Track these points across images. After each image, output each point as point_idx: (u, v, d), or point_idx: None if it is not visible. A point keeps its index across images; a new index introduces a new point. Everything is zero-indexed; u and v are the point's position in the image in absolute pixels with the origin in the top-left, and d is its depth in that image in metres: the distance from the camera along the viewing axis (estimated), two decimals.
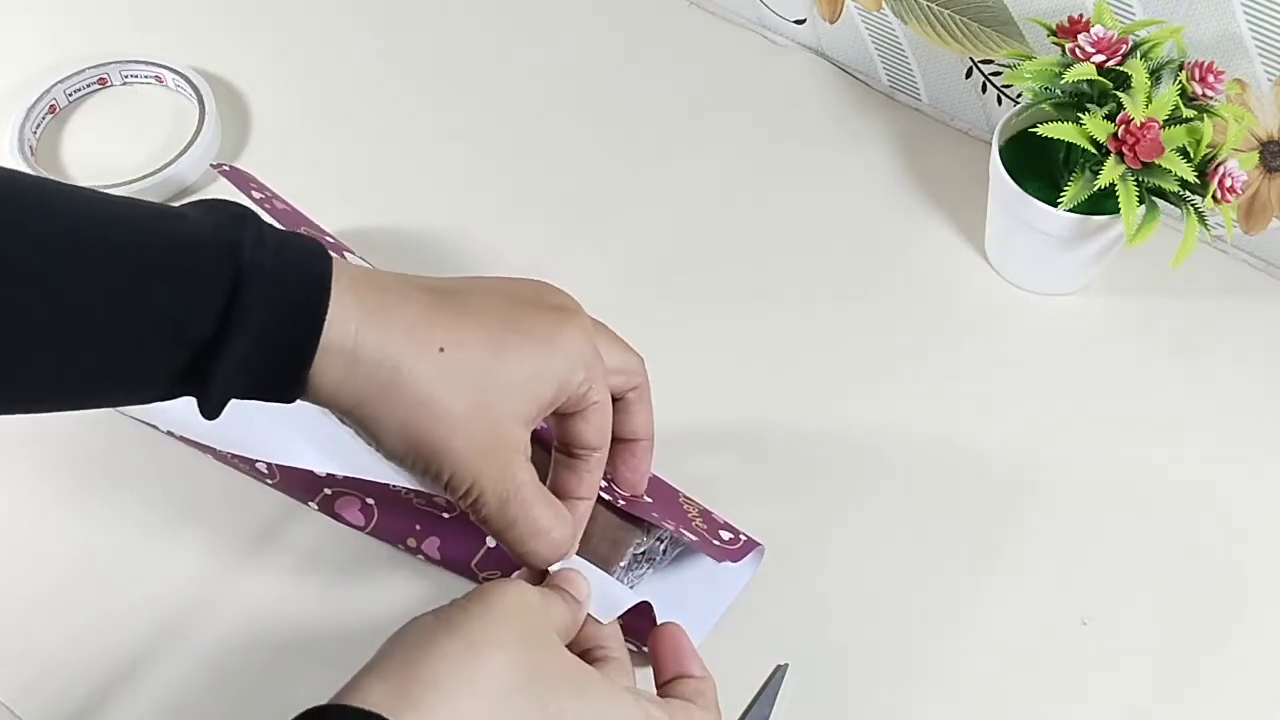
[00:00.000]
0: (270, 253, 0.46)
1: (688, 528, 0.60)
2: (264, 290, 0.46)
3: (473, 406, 0.49)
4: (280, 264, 0.46)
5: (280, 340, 0.46)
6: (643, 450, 0.58)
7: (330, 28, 0.90)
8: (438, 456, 0.49)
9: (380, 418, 0.48)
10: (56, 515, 0.66)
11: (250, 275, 0.45)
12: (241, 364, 0.46)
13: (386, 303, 0.48)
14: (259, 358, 0.46)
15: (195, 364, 0.46)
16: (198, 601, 0.63)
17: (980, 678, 0.61)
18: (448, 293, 0.51)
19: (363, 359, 0.47)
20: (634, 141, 0.83)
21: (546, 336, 0.51)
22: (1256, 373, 0.72)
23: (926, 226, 0.78)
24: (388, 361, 0.47)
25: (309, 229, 0.69)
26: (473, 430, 0.49)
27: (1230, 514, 0.67)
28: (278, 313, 0.46)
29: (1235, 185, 0.64)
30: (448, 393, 0.48)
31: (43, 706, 0.60)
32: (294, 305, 0.46)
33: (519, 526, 0.51)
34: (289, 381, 0.47)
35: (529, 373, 0.50)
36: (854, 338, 0.73)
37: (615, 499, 0.58)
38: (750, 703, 0.58)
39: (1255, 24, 0.67)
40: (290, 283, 0.46)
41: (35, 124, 0.81)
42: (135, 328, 0.45)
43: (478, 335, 0.50)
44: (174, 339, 0.45)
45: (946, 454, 0.68)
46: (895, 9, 0.81)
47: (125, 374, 0.46)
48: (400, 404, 0.48)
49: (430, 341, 0.48)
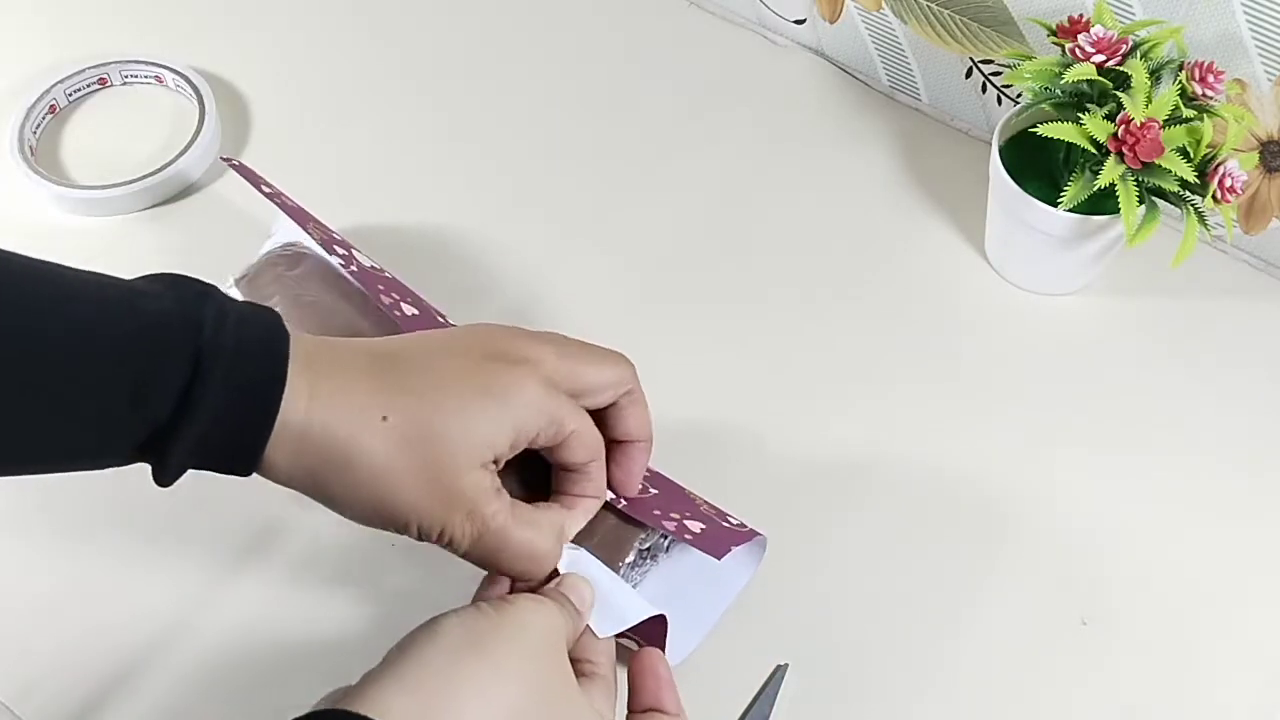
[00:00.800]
0: (230, 333, 0.48)
1: (695, 514, 0.60)
2: (223, 372, 0.47)
3: (424, 467, 0.50)
4: (239, 345, 0.48)
5: (236, 421, 0.48)
6: (637, 451, 0.58)
7: (330, 28, 0.90)
8: (400, 515, 0.50)
9: (335, 493, 0.50)
10: (56, 516, 0.66)
11: (210, 358, 0.47)
12: (199, 442, 0.47)
13: (333, 376, 0.50)
14: (216, 436, 0.48)
15: (152, 441, 0.47)
16: (198, 602, 0.63)
17: (980, 678, 0.61)
18: (394, 360, 0.52)
19: (312, 438, 0.49)
20: (634, 141, 0.83)
21: (490, 389, 0.52)
22: (1256, 372, 0.72)
23: (926, 226, 0.78)
24: (336, 439, 0.49)
25: (316, 227, 0.69)
26: (428, 489, 0.50)
27: (1230, 513, 0.67)
28: (235, 395, 0.47)
29: (1235, 185, 0.64)
30: (397, 460, 0.49)
31: (43, 706, 0.60)
32: (251, 387, 0.48)
33: (501, 555, 0.52)
34: (244, 459, 0.49)
35: (479, 426, 0.51)
36: (854, 338, 0.73)
37: (616, 500, 0.58)
38: (750, 703, 0.58)
39: (1255, 24, 0.67)
40: (248, 365, 0.48)
41: (35, 124, 0.81)
42: (95, 407, 0.46)
43: (422, 400, 0.51)
44: (133, 418, 0.47)
45: (946, 454, 0.68)
46: (895, 9, 0.81)
47: (83, 448, 0.48)
48: (351, 477, 0.49)
49: (375, 413, 0.49)
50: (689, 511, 0.60)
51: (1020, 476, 0.68)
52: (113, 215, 0.79)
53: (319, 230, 0.68)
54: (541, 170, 0.81)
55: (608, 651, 0.53)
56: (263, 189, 0.69)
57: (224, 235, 0.77)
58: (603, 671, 0.52)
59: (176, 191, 0.80)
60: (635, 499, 0.59)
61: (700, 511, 0.61)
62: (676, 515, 0.59)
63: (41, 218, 0.79)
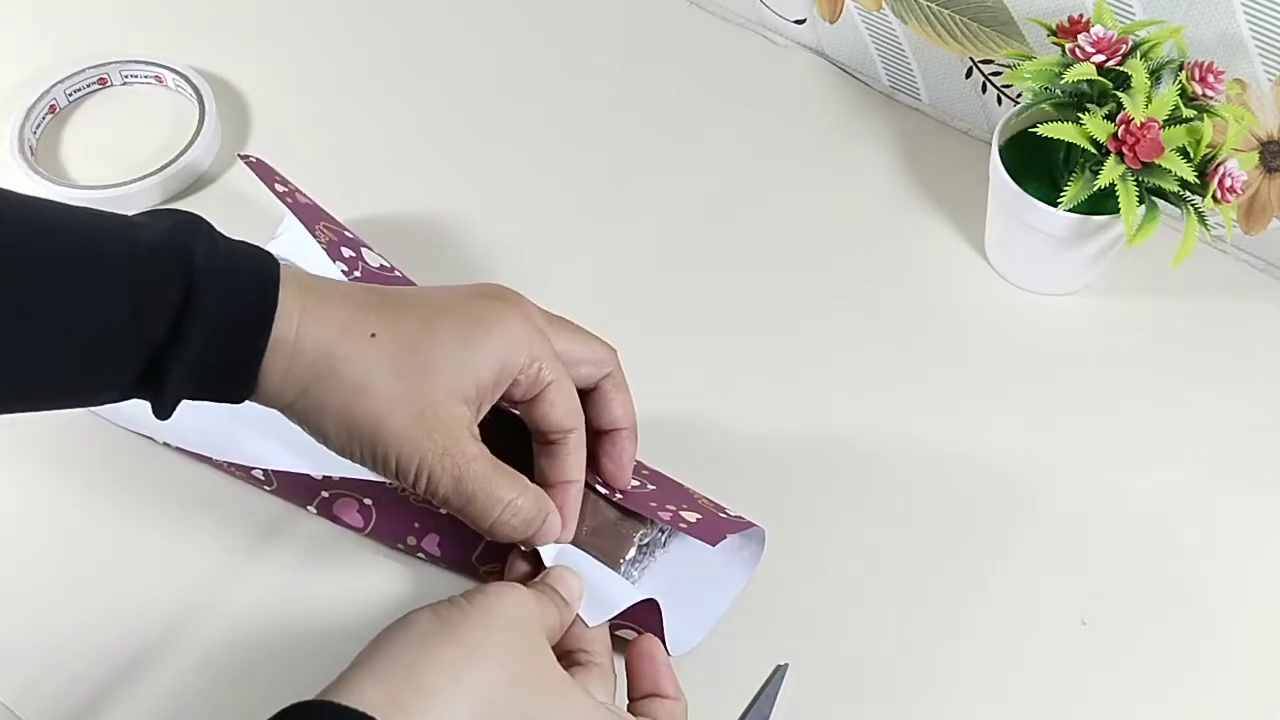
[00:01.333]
0: (221, 258, 0.49)
1: (692, 505, 0.60)
2: (215, 295, 0.48)
3: (407, 387, 0.50)
4: (230, 269, 0.49)
5: (231, 340, 0.49)
6: (624, 439, 0.58)
7: (330, 27, 0.90)
8: (378, 439, 0.50)
9: (321, 406, 0.50)
10: (56, 516, 0.66)
11: (202, 280, 0.48)
12: (195, 364, 0.48)
13: (325, 300, 0.51)
14: (211, 358, 0.48)
15: (150, 366, 0.48)
16: (198, 601, 0.63)
17: (980, 678, 0.61)
18: (384, 293, 0.53)
19: (302, 351, 0.49)
20: (633, 141, 0.83)
21: (481, 320, 0.53)
22: (1257, 373, 0.72)
23: (926, 226, 0.78)
24: (324, 350, 0.50)
25: (329, 224, 0.69)
26: (409, 410, 0.50)
27: (1230, 513, 0.67)
28: (230, 315, 0.48)
29: (1235, 185, 0.64)
30: (380, 375, 0.50)
31: (43, 707, 0.60)
32: (244, 307, 0.49)
33: (478, 500, 0.52)
34: (240, 379, 0.49)
35: (464, 352, 0.52)
36: (853, 337, 0.73)
37: (612, 494, 0.59)
38: (750, 703, 0.58)
39: (1255, 24, 0.67)
40: (240, 287, 0.49)
41: (35, 124, 0.81)
42: (92, 333, 0.47)
43: (410, 321, 0.52)
44: (130, 343, 0.47)
45: (946, 453, 0.68)
46: (895, 9, 0.81)
47: (81, 377, 0.48)
48: (337, 390, 0.50)
49: (364, 329, 0.51)
50: (685, 503, 0.60)
51: (1020, 476, 0.68)
52: None
53: (328, 231, 0.68)
54: (542, 169, 0.81)
55: (602, 640, 0.53)
56: (276, 187, 0.69)
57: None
58: (598, 660, 0.52)
59: (177, 191, 0.80)
60: (631, 493, 0.59)
61: (697, 504, 0.61)
62: (672, 507, 0.60)
63: None
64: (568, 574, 0.53)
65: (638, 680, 0.53)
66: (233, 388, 0.50)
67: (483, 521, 0.53)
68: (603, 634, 0.53)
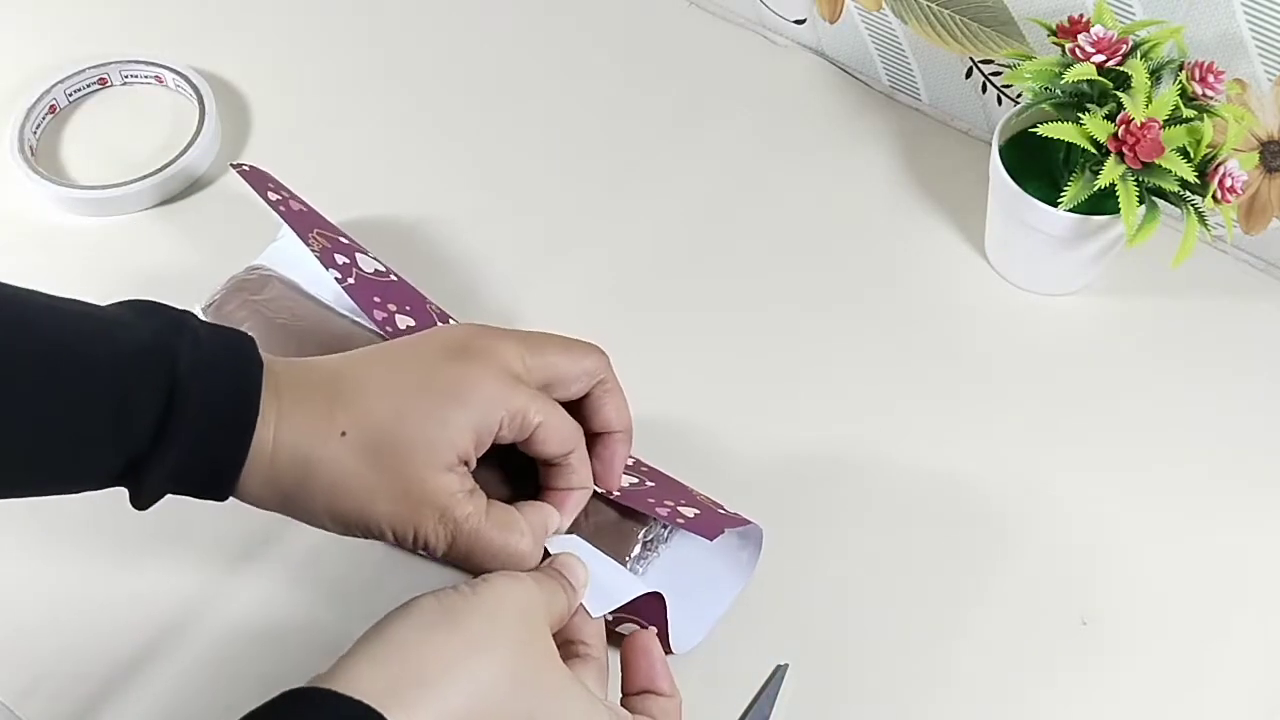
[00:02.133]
0: (205, 363, 0.49)
1: (691, 501, 0.60)
2: (196, 406, 0.48)
3: (387, 474, 0.51)
4: (212, 376, 0.49)
5: (211, 451, 0.49)
6: (616, 442, 0.58)
7: (330, 28, 0.90)
8: (370, 523, 0.51)
9: (307, 507, 0.51)
10: (56, 516, 0.66)
11: (184, 391, 0.48)
12: (175, 470, 0.49)
13: (297, 403, 0.51)
14: (192, 465, 0.49)
15: (129, 468, 0.49)
16: (198, 601, 0.63)
17: (980, 678, 0.61)
18: (353, 376, 0.53)
19: (280, 460, 0.50)
20: (633, 141, 0.83)
21: (451, 390, 0.52)
22: (1257, 373, 0.72)
23: (926, 226, 0.78)
24: (299, 459, 0.50)
25: (325, 230, 0.69)
26: (392, 495, 0.51)
27: (1230, 513, 0.67)
28: (210, 426, 0.49)
29: (1235, 185, 0.64)
30: (359, 471, 0.50)
31: (43, 706, 0.60)
32: (225, 419, 0.49)
33: (476, 556, 0.52)
34: (219, 486, 0.50)
35: (438, 429, 0.51)
36: (853, 337, 0.73)
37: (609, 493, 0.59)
38: (750, 703, 0.58)
39: (1255, 24, 0.67)
40: (222, 397, 0.49)
41: (35, 124, 0.81)
42: (73, 433, 0.48)
43: (377, 410, 0.51)
44: (112, 443, 0.48)
45: (946, 454, 0.68)
46: (895, 9, 0.81)
47: (60, 474, 0.49)
48: (319, 490, 0.51)
49: (333, 428, 0.51)
50: (684, 499, 0.60)
51: (1020, 476, 0.68)
52: (113, 215, 0.79)
53: (321, 239, 0.68)
54: (542, 170, 0.81)
55: (599, 633, 0.53)
56: (269, 195, 0.69)
57: (224, 236, 0.77)
58: (595, 654, 0.52)
59: (177, 191, 0.80)
60: (629, 491, 0.59)
61: (696, 500, 0.61)
62: (670, 503, 0.60)
63: (41, 218, 0.79)
64: (574, 561, 0.53)
65: (632, 676, 0.53)
66: (212, 491, 0.51)
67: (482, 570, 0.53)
68: (599, 627, 0.53)
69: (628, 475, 0.61)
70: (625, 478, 0.61)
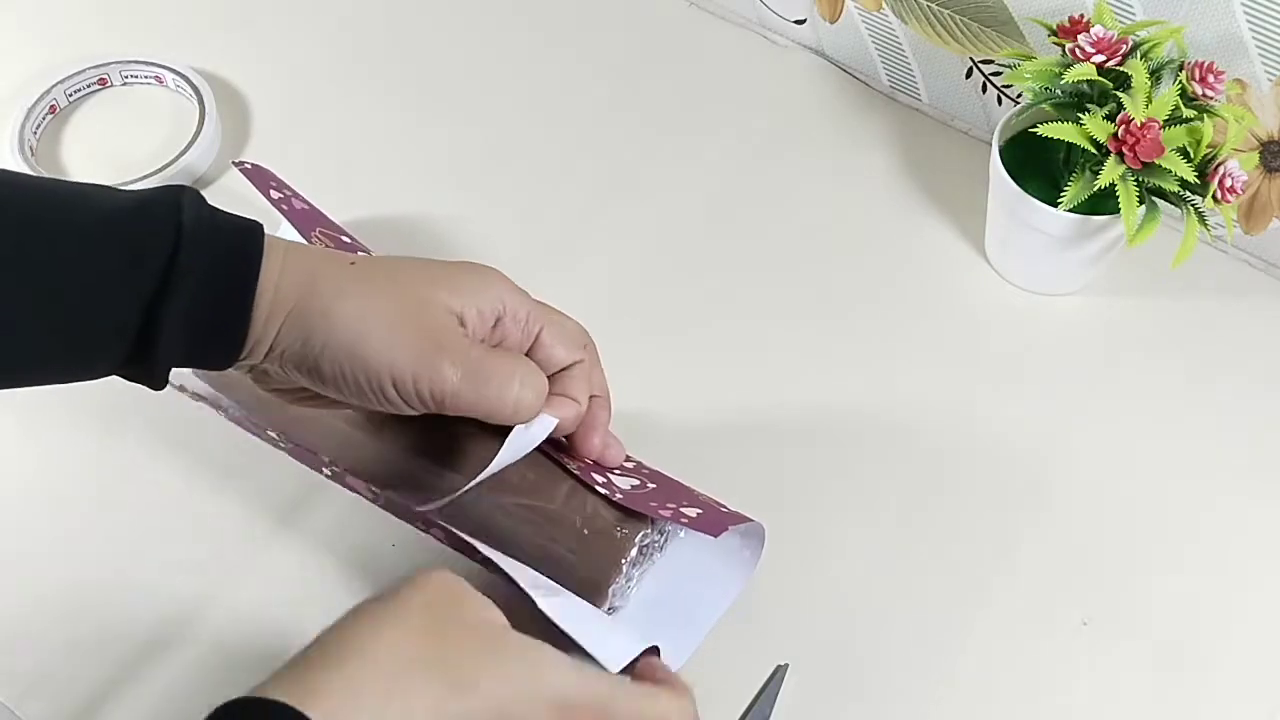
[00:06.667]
0: (208, 212, 0.51)
1: (693, 501, 0.60)
2: (205, 243, 0.50)
3: (394, 305, 0.52)
4: (215, 222, 0.51)
5: (221, 288, 0.50)
6: (597, 407, 0.60)
7: (330, 28, 0.90)
8: (377, 362, 0.51)
9: (315, 346, 0.51)
10: (56, 516, 0.66)
11: (191, 230, 0.50)
12: (186, 317, 0.49)
13: (304, 252, 0.53)
14: (202, 310, 0.50)
15: (144, 321, 0.49)
16: (198, 602, 0.63)
17: (980, 678, 0.61)
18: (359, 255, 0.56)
19: (285, 292, 0.51)
20: (633, 141, 0.83)
21: (463, 267, 0.55)
22: (1257, 373, 0.72)
23: (926, 226, 0.78)
24: (308, 287, 0.51)
25: (327, 229, 0.69)
26: (400, 325, 0.52)
27: (1231, 513, 0.67)
28: (219, 262, 0.50)
29: (1235, 185, 0.64)
30: (368, 297, 0.52)
31: (43, 706, 0.60)
32: (232, 253, 0.51)
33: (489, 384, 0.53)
34: (230, 328, 0.51)
35: (445, 278, 0.54)
36: (853, 337, 0.73)
37: (612, 493, 0.59)
38: (750, 703, 0.58)
39: (1255, 24, 0.67)
40: (226, 235, 0.51)
41: (35, 124, 0.81)
42: (85, 290, 0.49)
43: (386, 263, 0.55)
44: (123, 295, 0.49)
45: (946, 454, 0.68)
46: (895, 9, 0.81)
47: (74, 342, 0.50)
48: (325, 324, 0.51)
49: (343, 260, 0.53)
50: (686, 500, 0.61)
51: (1020, 476, 0.68)
52: None
53: (324, 237, 0.68)
54: (541, 169, 0.81)
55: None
56: (271, 194, 0.69)
57: None
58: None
59: None
60: (631, 494, 0.59)
61: (699, 500, 0.61)
62: (673, 505, 0.60)
63: None
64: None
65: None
66: (224, 339, 0.51)
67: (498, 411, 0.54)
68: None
69: (629, 478, 0.61)
70: (626, 480, 0.61)
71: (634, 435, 0.63)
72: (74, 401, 0.69)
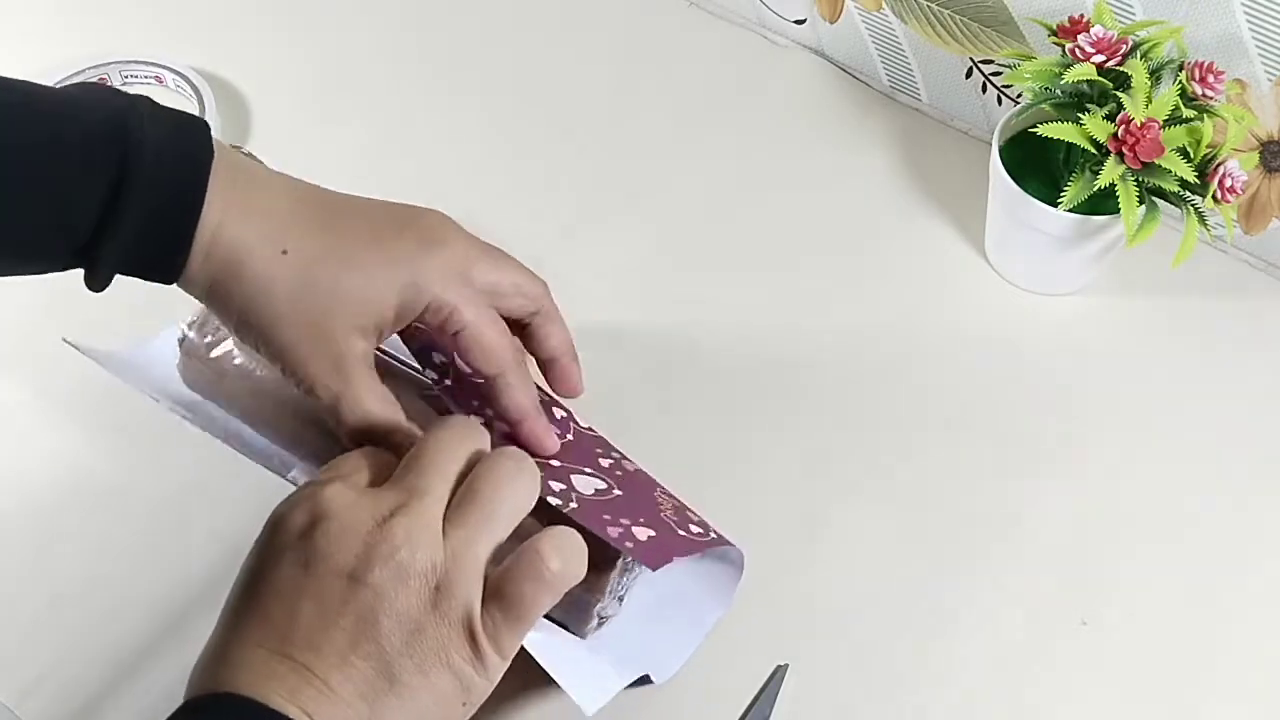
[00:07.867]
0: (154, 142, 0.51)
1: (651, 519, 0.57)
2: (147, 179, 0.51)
3: (304, 304, 0.53)
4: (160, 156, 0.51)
5: (159, 226, 0.51)
6: (565, 363, 0.61)
7: (330, 27, 0.90)
8: (268, 342, 0.53)
9: (225, 302, 0.53)
10: (57, 516, 0.66)
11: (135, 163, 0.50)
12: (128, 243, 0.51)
13: (251, 201, 0.53)
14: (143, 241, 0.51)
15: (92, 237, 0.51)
16: (198, 602, 0.63)
17: (980, 678, 0.61)
18: (318, 204, 0.55)
19: (219, 246, 0.52)
20: (633, 141, 0.83)
21: (398, 258, 0.54)
22: (1257, 373, 0.72)
23: (926, 226, 0.78)
24: (236, 254, 0.52)
25: None
26: (299, 326, 0.53)
27: (1230, 514, 0.67)
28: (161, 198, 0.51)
29: (1235, 185, 0.64)
30: (279, 290, 0.53)
31: (43, 707, 0.60)
32: (174, 192, 0.51)
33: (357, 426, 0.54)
34: (169, 257, 0.52)
35: (367, 286, 0.54)
36: (852, 337, 0.73)
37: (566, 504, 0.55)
38: (750, 703, 0.58)
39: (1255, 24, 0.67)
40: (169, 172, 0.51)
41: None
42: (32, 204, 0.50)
43: (326, 245, 0.54)
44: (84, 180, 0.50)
45: (945, 454, 0.68)
46: (895, 9, 0.81)
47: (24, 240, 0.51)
48: (242, 293, 0.53)
49: (277, 245, 0.53)
50: (644, 517, 0.57)
51: (1019, 476, 0.68)
52: None
53: None
54: (540, 169, 0.81)
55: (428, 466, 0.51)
56: None
57: None
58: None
59: None
60: (588, 501, 0.56)
61: (659, 517, 0.57)
62: (626, 521, 0.56)
63: None
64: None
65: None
66: (163, 266, 0.52)
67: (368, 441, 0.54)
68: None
69: (595, 479, 0.58)
70: (592, 481, 0.58)
71: (631, 432, 0.63)
72: (74, 401, 0.69)
